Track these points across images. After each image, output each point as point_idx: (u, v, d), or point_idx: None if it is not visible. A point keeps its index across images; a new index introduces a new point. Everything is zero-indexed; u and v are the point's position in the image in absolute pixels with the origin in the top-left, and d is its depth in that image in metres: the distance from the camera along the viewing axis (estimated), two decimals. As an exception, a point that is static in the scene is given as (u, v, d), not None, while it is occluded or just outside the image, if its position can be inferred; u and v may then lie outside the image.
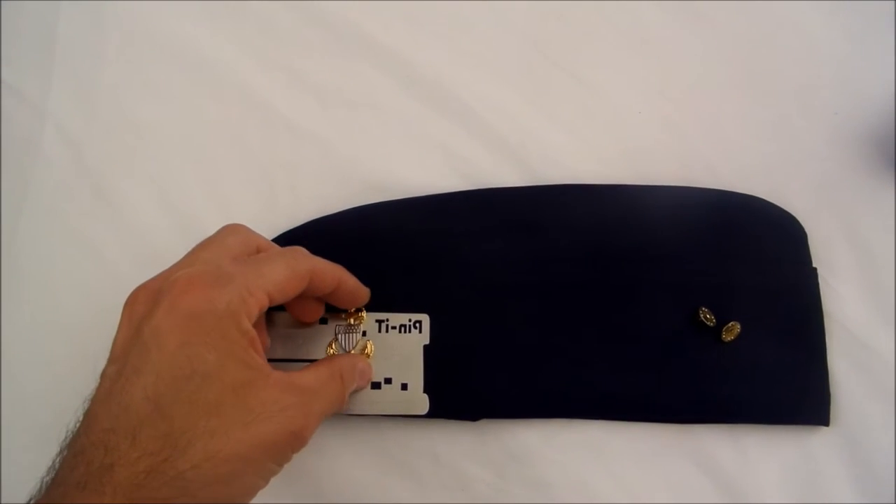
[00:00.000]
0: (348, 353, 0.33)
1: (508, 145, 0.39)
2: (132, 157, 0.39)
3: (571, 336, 0.35)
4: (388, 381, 0.33)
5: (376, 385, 0.33)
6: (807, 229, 0.37)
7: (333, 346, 0.34)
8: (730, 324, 0.34)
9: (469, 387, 0.34)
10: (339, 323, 0.34)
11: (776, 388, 0.34)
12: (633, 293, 0.35)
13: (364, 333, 0.34)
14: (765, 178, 0.38)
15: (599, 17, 0.41)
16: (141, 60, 0.40)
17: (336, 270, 0.31)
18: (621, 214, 0.36)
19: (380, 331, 0.34)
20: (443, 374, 0.34)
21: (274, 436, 0.25)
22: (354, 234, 0.36)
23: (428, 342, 0.34)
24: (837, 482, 0.34)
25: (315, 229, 0.36)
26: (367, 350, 0.34)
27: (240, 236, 0.29)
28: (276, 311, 0.32)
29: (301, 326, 0.34)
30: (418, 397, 0.33)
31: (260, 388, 0.25)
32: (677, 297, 0.35)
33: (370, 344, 0.34)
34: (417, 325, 0.34)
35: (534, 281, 0.35)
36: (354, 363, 0.31)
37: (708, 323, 0.34)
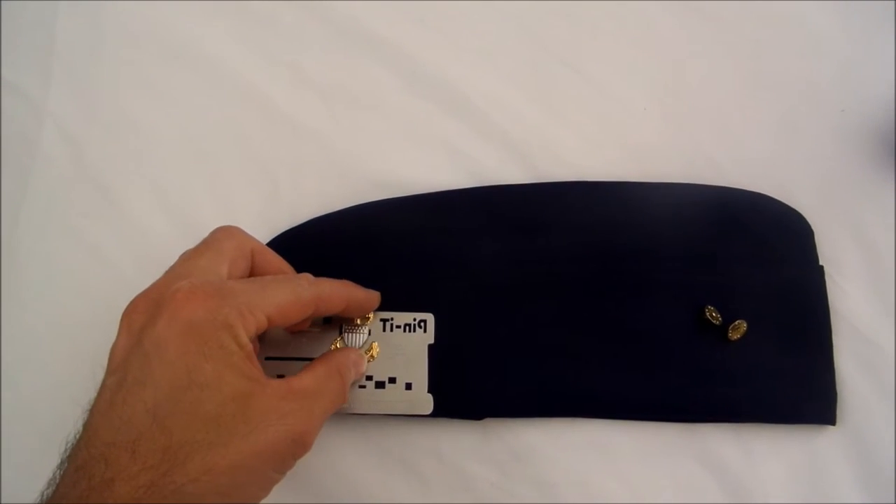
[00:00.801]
0: (343, 348, 0.33)
1: (513, 142, 0.39)
2: (132, 156, 0.38)
3: (576, 334, 0.34)
4: (393, 380, 0.33)
5: (380, 384, 0.33)
6: (813, 227, 0.36)
7: (338, 345, 0.33)
8: (736, 322, 0.34)
9: (473, 386, 0.34)
10: (345, 322, 0.34)
11: (782, 386, 0.34)
12: (638, 291, 0.35)
13: (369, 332, 0.34)
14: (771, 175, 0.38)
15: (604, 13, 0.41)
16: (141, 59, 0.40)
17: (343, 291, 0.30)
18: (626, 212, 0.36)
19: (384, 330, 0.34)
20: (446, 373, 0.33)
21: (274, 444, 0.24)
22: (357, 231, 0.36)
23: (433, 342, 0.34)
24: (844, 482, 0.34)
25: (317, 227, 0.36)
26: (373, 350, 0.33)
27: (234, 240, 0.29)
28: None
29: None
30: (423, 397, 0.33)
31: (258, 398, 0.25)
32: (683, 295, 0.35)
33: (375, 344, 0.33)
34: (422, 324, 0.34)
35: (538, 279, 0.35)
36: (348, 355, 0.31)
37: (714, 321, 0.34)
